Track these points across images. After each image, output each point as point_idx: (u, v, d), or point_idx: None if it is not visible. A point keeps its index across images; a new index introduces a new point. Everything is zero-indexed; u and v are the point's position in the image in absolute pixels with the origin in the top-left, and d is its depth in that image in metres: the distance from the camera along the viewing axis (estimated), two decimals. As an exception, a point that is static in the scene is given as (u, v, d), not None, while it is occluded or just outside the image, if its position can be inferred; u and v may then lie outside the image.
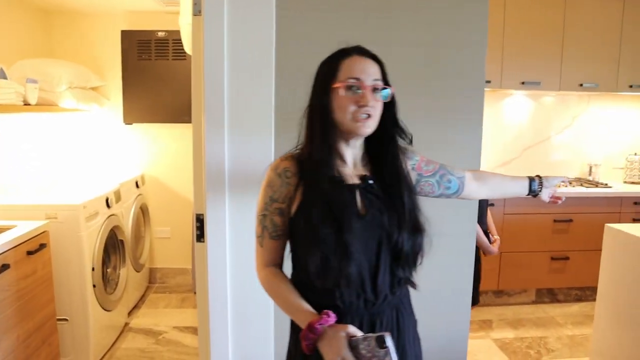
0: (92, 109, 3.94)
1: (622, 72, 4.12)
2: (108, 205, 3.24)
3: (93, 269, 2.98)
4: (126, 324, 3.65)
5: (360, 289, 1.31)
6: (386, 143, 1.39)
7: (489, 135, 4.38)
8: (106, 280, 3.34)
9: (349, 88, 1.31)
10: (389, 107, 1.37)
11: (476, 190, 1.62)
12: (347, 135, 1.35)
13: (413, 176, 1.49)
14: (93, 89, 4.03)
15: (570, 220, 3.96)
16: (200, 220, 1.94)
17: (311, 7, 1.86)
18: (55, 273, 2.82)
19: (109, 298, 3.23)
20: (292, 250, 1.41)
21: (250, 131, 1.84)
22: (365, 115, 1.30)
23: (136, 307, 3.97)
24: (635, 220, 4.03)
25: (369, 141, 1.41)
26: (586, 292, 4.19)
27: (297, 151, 1.40)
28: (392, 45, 1.86)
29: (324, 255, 1.27)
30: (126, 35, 4.06)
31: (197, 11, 1.85)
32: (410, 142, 1.43)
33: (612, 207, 4.02)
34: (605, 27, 4.05)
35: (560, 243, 3.99)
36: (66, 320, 2.93)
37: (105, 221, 3.18)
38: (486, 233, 2.50)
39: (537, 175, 1.68)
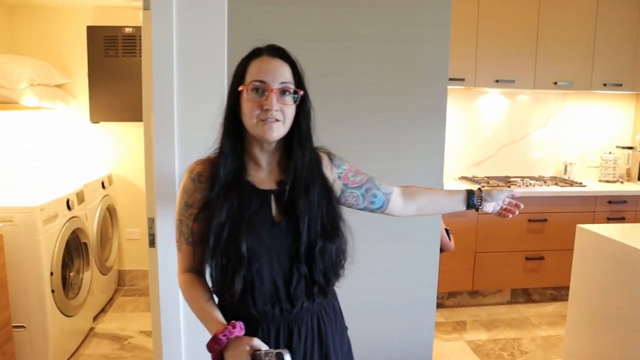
0: (57, 107, 3.82)
1: (596, 71, 4.10)
2: (69, 207, 3.13)
3: (52, 274, 2.87)
4: (91, 329, 3.53)
5: (274, 297, 1.28)
6: (300, 147, 1.32)
7: (465, 134, 4.33)
8: (68, 285, 3.23)
9: (254, 91, 1.24)
10: (302, 111, 1.31)
11: (402, 208, 1.55)
12: (258, 140, 1.29)
13: (338, 185, 1.44)
14: (58, 86, 3.90)
15: (545, 220, 3.93)
16: (151, 225, 1.85)
17: (266, 1, 1.77)
18: (10, 278, 2.70)
19: (70, 303, 3.12)
20: None
21: (201, 131, 1.75)
22: (271, 119, 1.24)
23: (103, 311, 3.86)
24: (609, 219, 4.02)
25: (288, 145, 1.34)
26: (561, 292, 4.17)
27: (215, 154, 1.33)
28: (351, 42, 1.79)
29: (230, 264, 1.23)
30: (92, 31, 3.93)
31: (147, 5, 1.76)
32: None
33: (586, 206, 4.00)
34: (580, 26, 4.02)
35: (535, 243, 3.95)
36: (23, 327, 2.82)
37: (65, 224, 3.07)
38: (446, 230, 2.47)
39: (479, 189, 1.59)
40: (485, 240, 3.85)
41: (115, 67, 3.96)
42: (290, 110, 1.28)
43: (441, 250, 2.54)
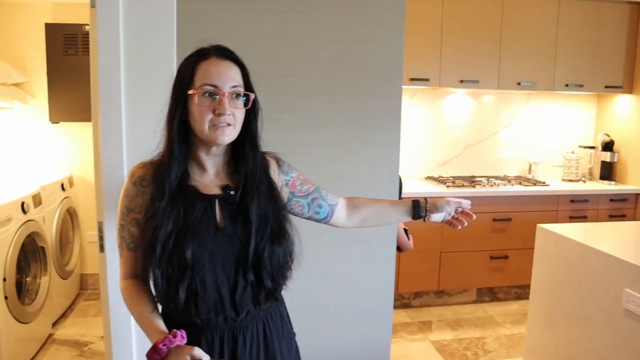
0: (13, 107, 3.71)
1: (558, 72, 4.15)
2: (24, 211, 3.03)
3: (5, 280, 2.78)
4: (50, 336, 3.44)
5: (219, 305, 1.25)
6: (247, 151, 1.30)
7: (431, 134, 4.35)
8: (24, 291, 3.13)
9: (205, 95, 1.21)
10: (251, 114, 1.29)
11: (345, 219, 1.54)
12: (206, 144, 1.26)
13: (285, 193, 1.42)
14: (16, 85, 3.79)
15: (509, 219, 3.97)
16: (101, 229, 1.80)
17: (217, 0, 1.73)
18: (-40, 285, 2.61)
19: (25, 309, 3.02)
20: None
21: (151, 133, 1.70)
22: (223, 124, 1.21)
23: (64, 316, 3.76)
24: (571, 218, 4.08)
25: (235, 148, 1.31)
26: (526, 290, 4.21)
27: (158, 157, 1.29)
28: (304, 41, 1.76)
29: (174, 273, 1.19)
30: (51, 29, 3.83)
31: (93, 3, 1.70)
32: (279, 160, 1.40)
33: (549, 205, 4.05)
34: (542, 28, 4.07)
35: (500, 242, 3.99)
36: (-25, 335, 2.72)
37: (20, 227, 2.97)
38: (405, 230, 2.47)
39: (425, 199, 1.54)
40: (450, 240, 3.87)
41: (75, 65, 3.86)
42: (241, 114, 1.26)
43: (400, 249, 2.54)
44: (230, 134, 1.24)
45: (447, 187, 3.89)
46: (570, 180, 4.48)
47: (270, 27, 1.74)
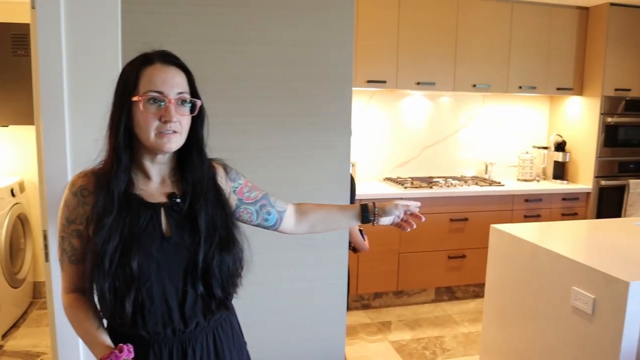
0: (-42, 110, 3.56)
1: (512, 74, 4.25)
2: (-31, 218, 2.92)
3: (-52, 290, 2.67)
4: (0, 347, 3.32)
5: (166, 317, 1.22)
6: (194, 158, 1.28)
7: (389, 135, 4.39)
8: (-30, 301, 3.02)
9: (151, 101, 1.18)
10: (197, 121, 1.27)
11: (294, 226, 1.53)
12: (152, 151, 1.23)
13: (233, 200, 1.40)
14: (-39, 87, 3.64)
15: (466, 219, 4.04)
16: (46, 238, 1.74)
17: (162, 2, 1.69)
18: None
19: (-29, 321, 2.91)
20: None
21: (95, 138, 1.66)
22: (170, 131, 1.19)
23: (15, 326, 3.63)
24: (526, 217, 4.18)
25: (181, 155, 1.29)
26: (483, 289, 4.27)
27: (100, 166, 1.25)
28: (253, 45, 1.75)
29: (120, 286, 1.16)
30: (-2, 29, 3.70)
31: (33, 4, 1.65)
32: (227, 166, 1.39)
33: (504, 205, 4.14)
34: (496, 32, 4.16)
35: (457, 242, 4.05)
36: None
37: (-35, 235, 2.86)
38: (360, 230, 2.49)
39: (373, 203, 1.53)
40: (409, 240, 3.91)
41: (25, 66, 3.72)
42: (187, 121, 1.24)
43: (356, 250, 2.56)
44: (176, 141, 1.21)
45: (405, 188, 3.93)
46: (525, 180, 4.59)
47: (218, 31, 1.72)
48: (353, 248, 2.54)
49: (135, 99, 1.18)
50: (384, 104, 4.34)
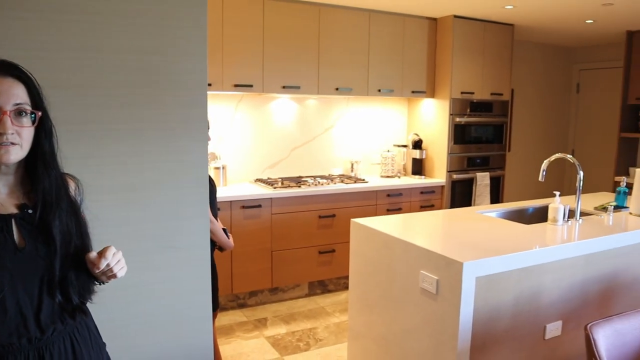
0: None
1: (372, 78, 4.56)
2: None
3: None
4: None
5: (22, 327, 1.22)
6: (46, 169, 1.29)
7: (258, 137, 4.50)
8: None
9: None
10: (41, 132, 1.28)
11: None
12: None
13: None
14: None
15: (334, 216, 4.27)
16: None
17: (11, 6, 1.62)
18: None
19: None
20: None
21: None
22: (7, 143, 1.19)
23: None
24: (388, 211, 4.50)
25: (30, 166, 1.29)
26: (353, 280, 4.56)
27: None
28: (102, 52, 1.74)
29: None
30: None
31: None
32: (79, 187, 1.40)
33: (369, 201, 4.43)
34: (356, 38, 4.44)
35: (326, 237, 4.27)
36: None
37: None
38: (224, 229, 2.58)
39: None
40: (280, 238, 4.05)
41: None
42: (28, 132, 1.24)
43: (222, 249, 2.64)
44: (16, 153, 1.21)
45: (275, 188, 4.06)
46: (387, 177, 4.93)
47: (70, 38, 1.69)
48: (219, 247, 2.61)
49: None
50: (252, 107, 4.44)
